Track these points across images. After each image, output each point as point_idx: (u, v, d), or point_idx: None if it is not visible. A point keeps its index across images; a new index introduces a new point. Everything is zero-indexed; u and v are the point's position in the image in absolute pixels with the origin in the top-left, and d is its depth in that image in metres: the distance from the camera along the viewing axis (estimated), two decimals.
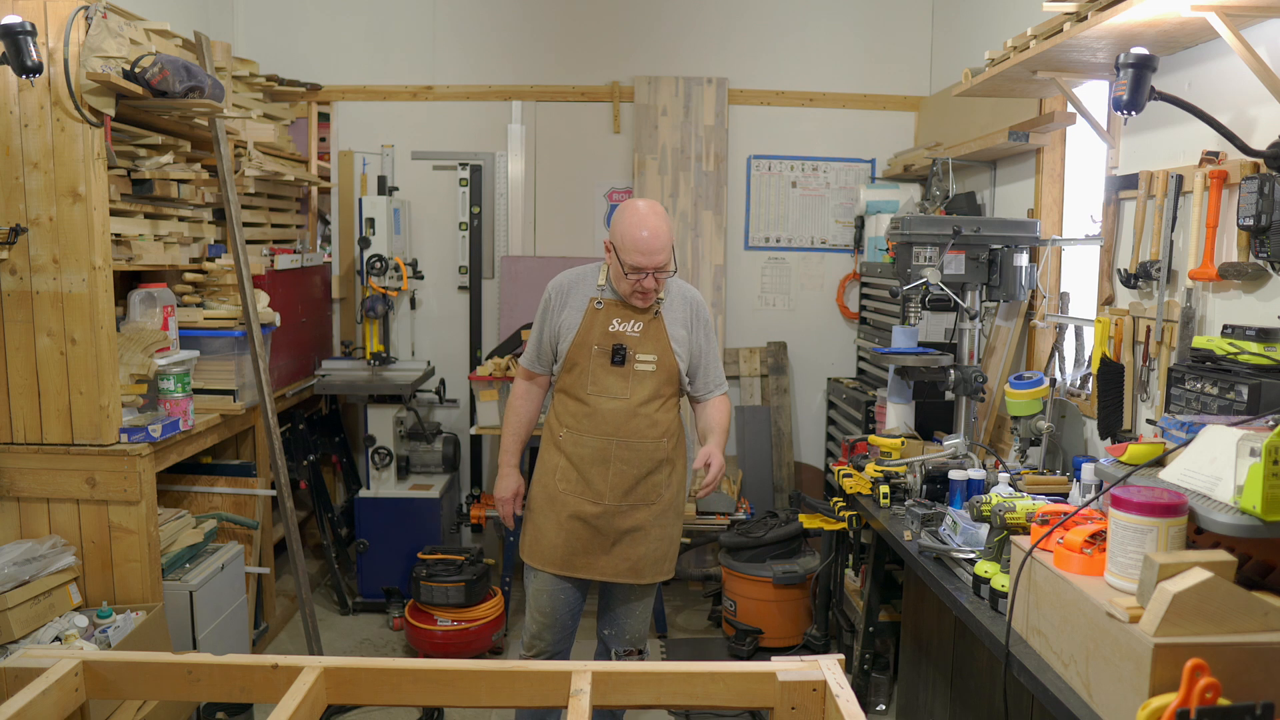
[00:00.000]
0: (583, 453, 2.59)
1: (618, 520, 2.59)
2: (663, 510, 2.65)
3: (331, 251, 4.72)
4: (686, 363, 2.65)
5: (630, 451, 2.58)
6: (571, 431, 2.61)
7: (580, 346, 2.60)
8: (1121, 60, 2.00)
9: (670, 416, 2.66)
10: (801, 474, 4.80)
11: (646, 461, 2.60)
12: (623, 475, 2.58)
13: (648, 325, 2.61)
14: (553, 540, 2.61)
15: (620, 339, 2.58)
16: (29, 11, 2.53)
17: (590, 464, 2.59)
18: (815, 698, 1.73)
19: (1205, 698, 1.25)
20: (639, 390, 2.59)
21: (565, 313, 2.64)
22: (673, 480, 2.69)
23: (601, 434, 2.58)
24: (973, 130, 3.83)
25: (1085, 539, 1.67)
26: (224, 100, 3.11)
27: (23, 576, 2.53)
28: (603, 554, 2.61)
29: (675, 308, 2.66)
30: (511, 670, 1.78)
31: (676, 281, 2.70)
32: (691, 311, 2.67)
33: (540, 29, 4.66)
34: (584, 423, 2.59)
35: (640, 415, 2.58)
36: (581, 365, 2.60)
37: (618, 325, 2.59)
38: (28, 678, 1.69)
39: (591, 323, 2.60)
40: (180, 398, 2.99)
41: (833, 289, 4.81)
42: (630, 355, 2.58)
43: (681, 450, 2.73)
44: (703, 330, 2.70)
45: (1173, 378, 2.19)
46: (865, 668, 3.19)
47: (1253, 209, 2.05)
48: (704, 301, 2.75)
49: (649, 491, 2.62)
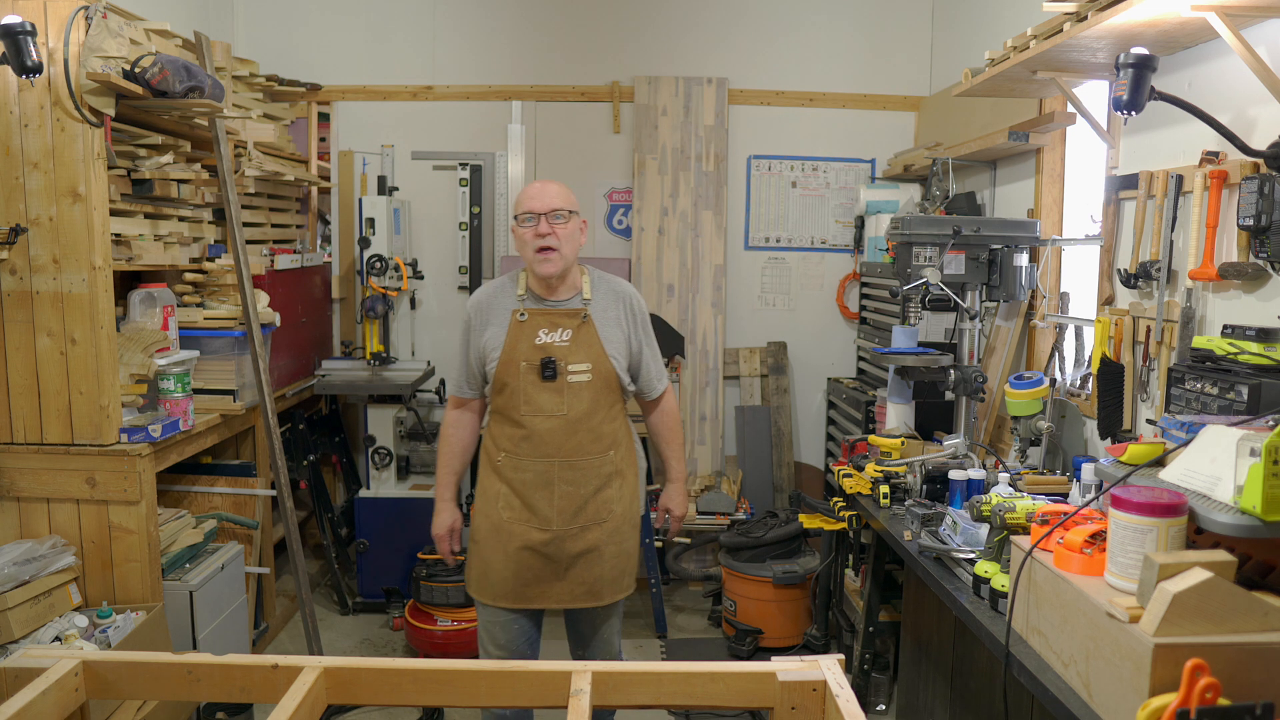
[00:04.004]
0: (524, 477, 2.42)
1: (568, 544, 2.43)
2: (616, 526, 2.50)
3: (331, 251, 4.72)
4: (625, 365, 2.49)
5: (575, 471, 2.42)
6: (510, 456, 2.44)
7: (507, 364, 2.41)
8: (1121, 60, 2.00)
9: (614, 426, 2.49)
10: (801, 474, 4.80)
11: (593, 479, 2.44)
12: (569, 497, 2.42)
13: (577, 331, 2.42)
14: (501, 572, 2.46)
15: (548, 351, 2.39)
16: (29, 11, 2.53)
17: (533, 489, 2.42)
18: (815, 698, 1.73)
19: (1205, 698, 1.25)
20: (576, 404, 2.40)
21: (488, 331, 2.46)
22: (624, 492, 2.52)
23: (541, 456, 2.40)
24: (973, 130, 3.83)
25: (1085, 539, 1.67)
26: (224, 100, 3.11)
27: (23, 576, 2.53)
28: (556, 580, 2.46)
29: (605, 306, 2.48)
30: (511, 670, 1.78)
31: (604, 277, 2.54)
32: (624, 307, 2.50)
33: (540, 29, 4.66)
34: (521, 446, 2.42)
35: (581, 431, 2.41)
36: (511, 384, 2.41)
37: (545, 336, 2.41)
38: (28, 678, 1.69)
39: (517, 337, 2.42)
40: (180, 398, 2.99)
41: (833, 289, 4.81)
42: (561, 367, 2.39)
43: (631, 458, 2.57)
44: (639, 325, 2.53)
45: (1173, 378, 2.19)
46: (865, 668, 3.19)
47: (1253, 209, 2.05)
48: (636, 294, 2.57)
49: (599, 509, 2.46)
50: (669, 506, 2.68)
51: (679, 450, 2.69)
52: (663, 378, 2.62)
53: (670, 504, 2.69)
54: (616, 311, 2.49)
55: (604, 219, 4.76)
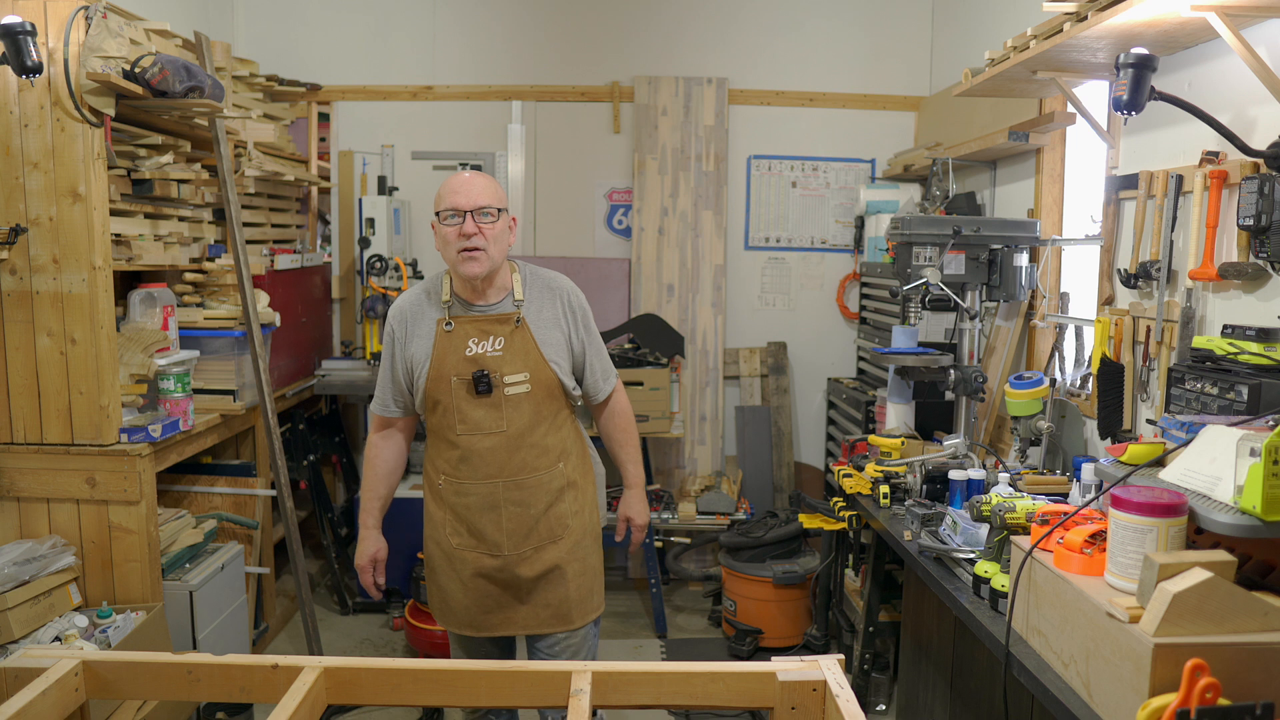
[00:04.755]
0: (467, 502, 2.22)
1: (524, 568, 2.24)
2: (576, 542, 2.30)
3: (331, 251, 4.72)
4: (569, 369, 2.27)
5: (522, 491, 2.21)
6: (450, 479, 2.24)
7: (436, 380, 2.19)
8: (1121, 60, 2.00)
9: (562, 436, 2.27)
10: (801, 474, 4.80)
11: (544, 495, 2.23)
12: (518, 519, 2.22)
13: (511, 338, 2.19)
14: (460, 600, 2.29)
15: (480, 363, 2.16)
16: (29, 11, 2.53)
17: (477, 513, 2.22)
18: (815, 698, 1.73)
19: (1205, 698, 1.25)
20: (516, 419, 2.18)
21: (413, 344, 2.23)
22: (582, 504, 2.32)
23: (483, 478, 2.20)
24: (973, 130, 3.83)
25: (1085, 539, 1.67)
26: (224, 100, 3.11)
27: (23, 576, 2.53)
28: (520, 604, 2.28)
29: (540, 306, 2.25)
30: (511, 670, 1.78)
31: (536, 272, 2.30)
32: (562, 305, 2.27)
33: (540, 29, 4.66)
34: (461, 468, 2.21)
35: (524, 447, 2.19)
36: (444, 402, 2.19)
37: (475, 346, 2.17)
38: (28, 678, 1.69)
39: (445, 349, 2.18)
40: (180, 398, 2.99)
41: (833, 289, 4.81)
42: (496, 379, 2.16)
43: (585, 465, 2.37)
44: (579, 322, 2.29)
45: (1173, 378, 2.19)
46: (865, 668, 3.19)
47: (1253, 209, 2.05)
48: (573, 287, 2.32)
49: (553, 527, 2.26)
50: (628, 515, 2.45)
51: (634, 452, 2.44)
52: (609, 376, 2.38)
53: (630, 511, 2.45)
54: (553, 310, 2.25)
55: (604, 219, 4.76)
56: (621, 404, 2.43)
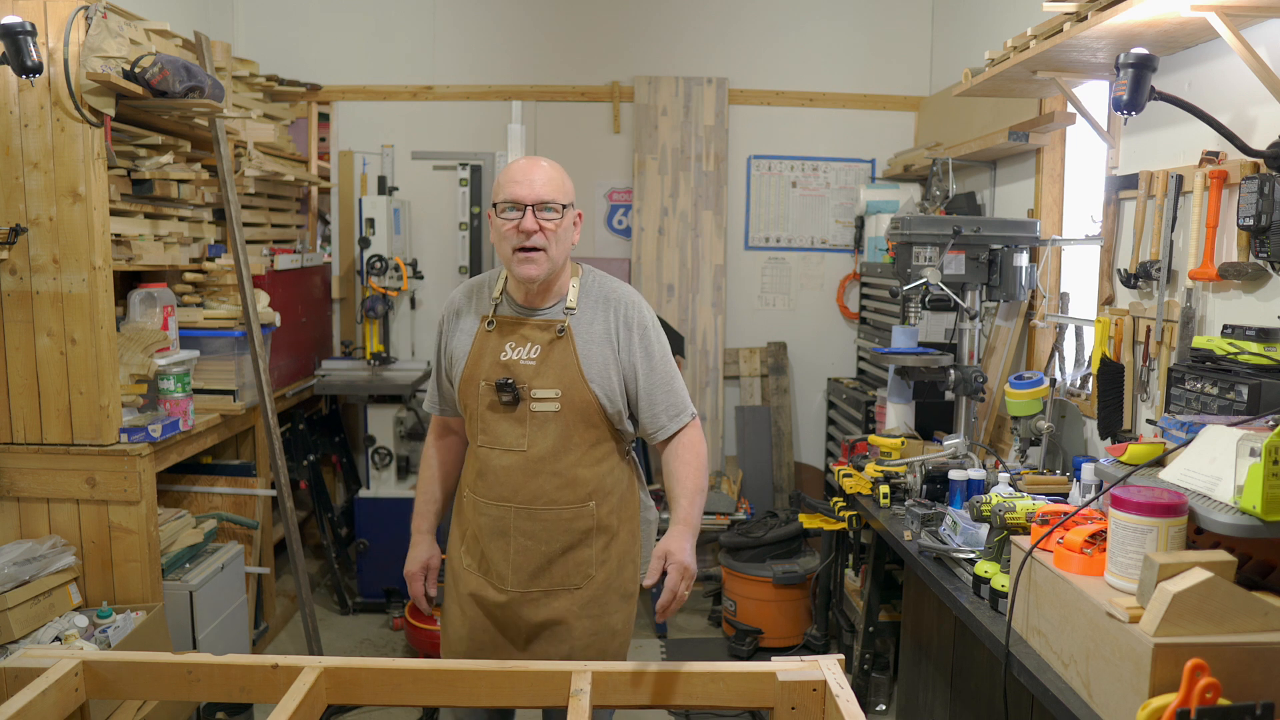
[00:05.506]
0: (481, 522, 2.00)
1: (527, 611, 1.98)
2: (594, 596, 1.99)
3: (331, 251, 4.72)
4: (613, 395, 1.94)
5: (534, 523, 1.95)
6: (473, 494, 2.03)
7: (468, 382, 1.98)
8: (1121, 60, 2.00)
9: (597, 472, 1.97)
10: (801, 474, 4.80)
11: (561, 534, 1.95)
12: (527, 553, 1.96)
13: (549, 348, 1.93)
14: (457, 629, 2.06)
15: (511, 370, 1.93)
16: (29, 11, 2.53)
17: (488, 537, 1.99)
18: (815, 698, 1.73)
19: (1205, 698, 1.25)
20: (539, 439, 1.92)
21: (456, 339, 2.03)
22: (610, 555, 2.01)
23: (496, 499, 1.96)
24: (973, 130, 3.83)
25: (1085, 539, 1.67)
26: (224, 100, 3.11)
27: (23, 576, 2.53)
28: (516, 651, 2.01)
29: (592, 318, 1.96)
30: (511, 670, 1.78)
31: (600, 279, 2.04)
32: (618, 320, 1.96)
33: (540, 29, 4.66)
34: (478, 484, 2.00)
35: (545, 473, 1.93)
36: (471, 407, 1.98)
37: (511, 352, 1.94)
38: (28, 678, 1.69)
39: (481, 349, 1.97)
40: (180, 398, 2.99)
41: (833, 289, 4.81)
42: (524, 391, 1.92)
43: (627, 513, 2.05)
44: (639, 343, 1.96)
45: (1173, 378, 2.19)
46: (865, 668, 3.19)
47: (1253, 209, 2.05)
48: (638, 301, 2.01)
49: (571, 573, 1.98)
50: (669, 549, 1.83)
51: (693, 492, 1.96)
52: (678, 414, 2.00)
53: (671, 545, 1.84)
54: (607, 324, 1.96)
55: (604, 219, 4.76)
56: (690, 440, 2.01)
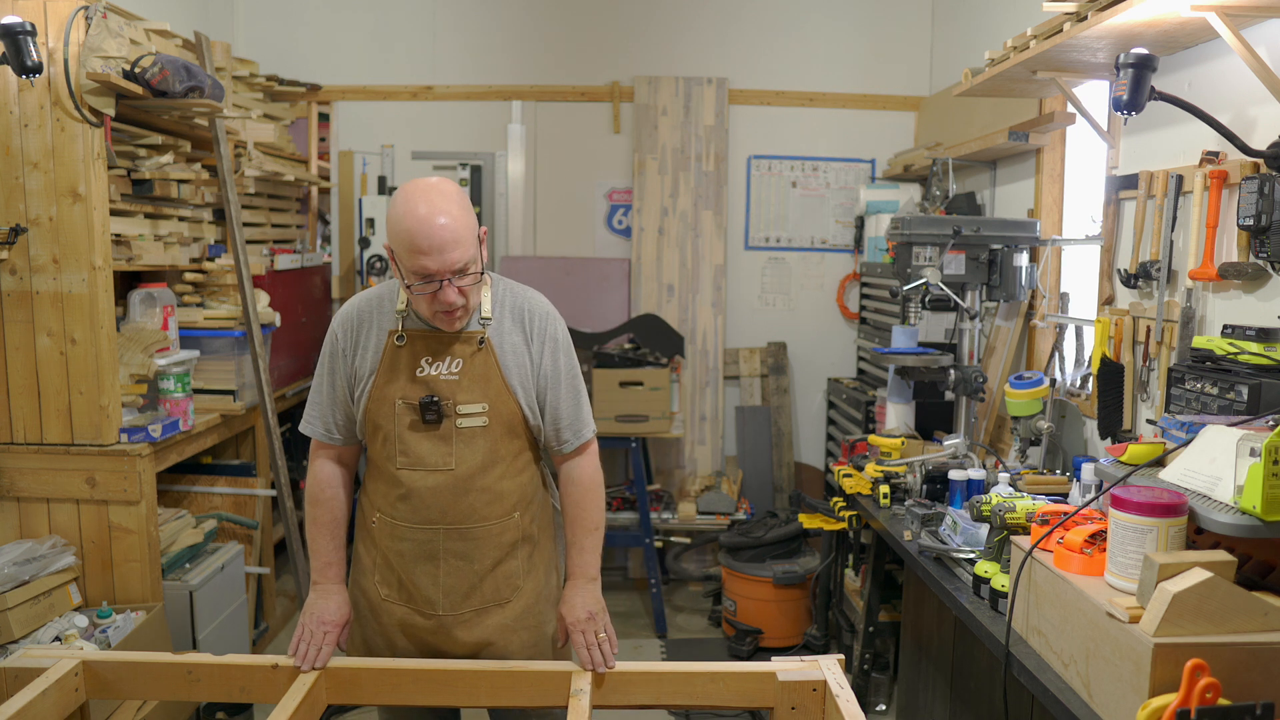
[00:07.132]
0: (400, 548, 1.86)
1: (459, 633, 1.88)
2: (527, 607, 1.92)
3: (331, 251, 4.72)
4: (533, 405, 1.87)
5: (466, 542, 1.85)
6: (385, 519, 1.88)
7: (379, 402, 1.83)
8: (1121, 60, 2.00)
9: (520, 481, 1.89)
10: (801, 474, 4.80)
11: (491, 550, 1.87)
12: (459, 574, 1.86)
13: (470, 361, 1.82)
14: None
15: (431, 386, 1.80)
16: (29, 11, 2.53)
17: (413, 563, 1.86)
18: (815, 698, 1.73)
19: (1205, 698, 1.25)
20: (468, 456, 1.82)
21: (359, 355, 1.86)
22: (536, 563, 1.94)
23: (423, 522, 1.84)
24: (973, 130, 3.83)
25: (1085, 539, 1.67)
26: (224, 100, 3.11)
27: (23, 576, 2.53)
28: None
29: (510, 328, 1.87)
30: (511, 670, 1.79)
31: (511, 288, 1.91)
32: (532, 330, 1.87)
33: (540, 29, 4.66)
34: (398, 508, 1.85)
35: (475, 490, 1.83)
36: (386, 429, 1.83)
37: (428, 367, 1.81)
38: (28, 678, 1.69)
39: (393, 366, 1.82)
40: (180, 398, 2.99)
41: (833, 289, 4.81)
42: (449, 408, 1.80)
43: (546, 518, 1.99)
44: (549, 356, 1.88)
45: (1173, 378, 2.19)
46: (865, 668, 3.19)
47: (1253, 209, 2.05)
48: (550, 313, 1.91)
49: (500, 587, 1.89)
50: (562, 612, 1.88)
51: (589, 534, 1.92)
52: (580, 431, 1.92)
53: (564, 608, 1.88)
54: (522, 334, 1.87)
55: (604, 219, 4.76)
56: (585, 470, 1.94)
